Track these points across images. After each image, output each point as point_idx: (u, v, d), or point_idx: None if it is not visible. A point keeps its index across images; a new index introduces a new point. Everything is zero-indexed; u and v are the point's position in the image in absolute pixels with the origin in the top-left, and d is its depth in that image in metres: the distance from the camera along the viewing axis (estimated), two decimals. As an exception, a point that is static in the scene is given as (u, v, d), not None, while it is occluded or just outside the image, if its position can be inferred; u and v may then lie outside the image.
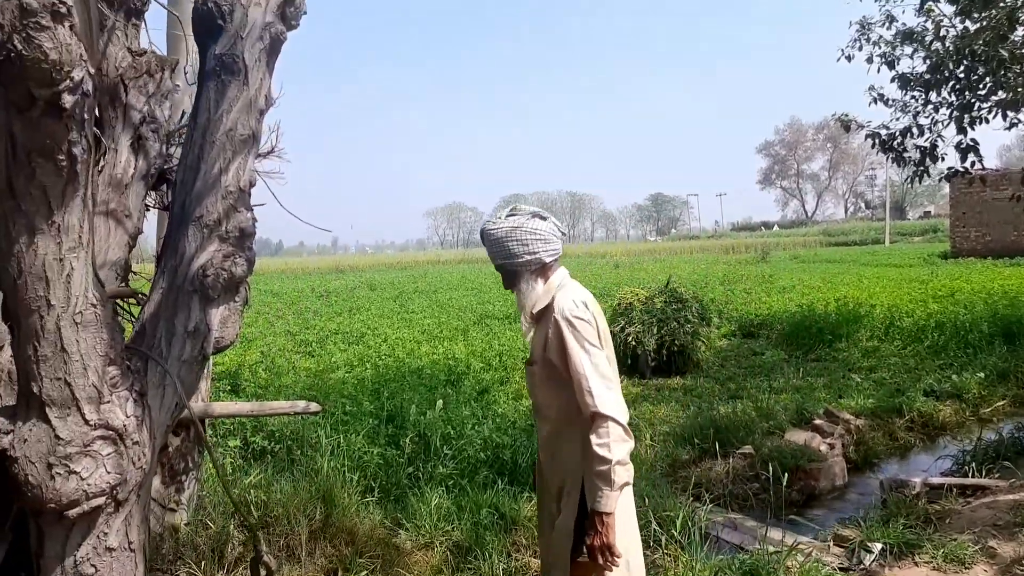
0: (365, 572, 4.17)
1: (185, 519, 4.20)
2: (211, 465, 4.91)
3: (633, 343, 10.08)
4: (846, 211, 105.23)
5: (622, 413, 2.18)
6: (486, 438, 5.66)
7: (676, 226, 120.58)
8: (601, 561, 2.15)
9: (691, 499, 5.42)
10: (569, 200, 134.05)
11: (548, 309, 2.36)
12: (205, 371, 4.32)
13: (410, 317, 13.51)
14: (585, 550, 2.22)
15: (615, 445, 2.09)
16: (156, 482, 4.11)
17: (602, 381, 2.18)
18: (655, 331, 10.11)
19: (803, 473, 5.46)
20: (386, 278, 32.57)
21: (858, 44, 9.41)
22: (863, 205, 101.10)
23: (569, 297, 2.33)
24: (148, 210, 2.72)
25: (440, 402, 5.89)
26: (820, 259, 33.24)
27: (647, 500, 5.06)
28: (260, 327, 13.05)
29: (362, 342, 10.62)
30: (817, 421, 6.59)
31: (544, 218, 2.43)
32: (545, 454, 2.55)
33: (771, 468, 5.49)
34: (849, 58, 9.50)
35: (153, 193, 2.73)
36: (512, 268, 2.42)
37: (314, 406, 4.78)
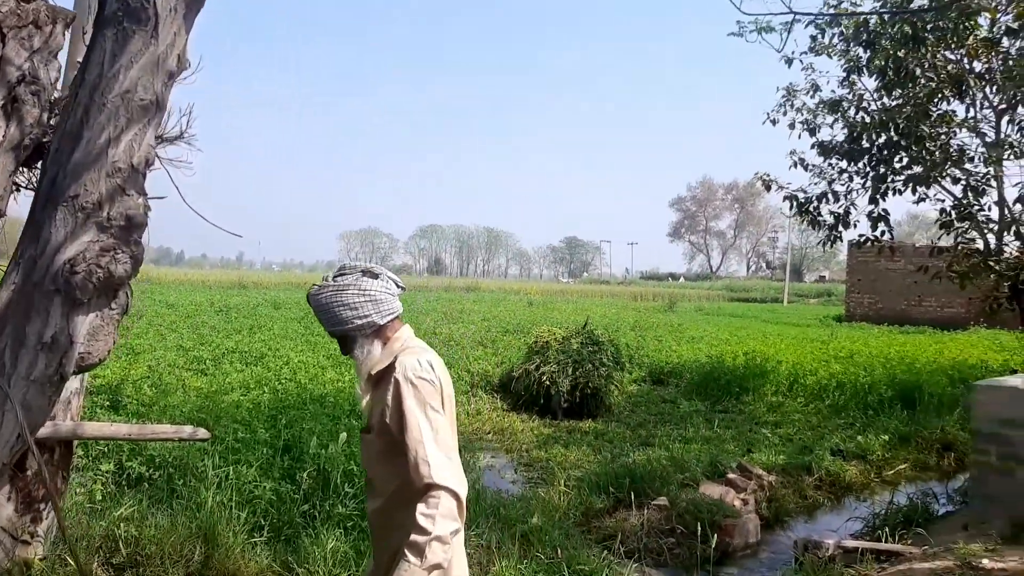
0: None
1: (40, 553, 3.61)
2: (76, 492, 4.31)
3: (547, 382, 9.87)
4: (748, 269, 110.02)
5: (460, 487, 1.98)
6: (392, 477, 5.23)
7: (588, 270, 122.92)
8: None
9: (604, 551, 5.17)
10: (486, 235, 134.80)
11: (389, 370, 2.19)
12: (79, 384, 3.77)
13: (315, 340, 12.87)
14: None
15: (441, 520, 1.89)
16: (8, 510, 3.52)
17: (439, 450, 2.01)
18: (570, 372, 9.95)
19: (719, 529, 5.29)
20: (292, 297, 31.35)
21: (783, 109, 9.71)
22: (764, 265, 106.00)
23: (414, 357, 2.17)
24: (18, 190, 2.27)
25: (344, 435, 5.43)
26: (724, 312, 34.29)
27: (560, 551, 4.78)
28: (150, 339, 12.09)
29: (261, 363, 9.96)
30: (731, 475, 6.49)
31: (376, 275, 2.27)
32: (374, 534, 2.31)
33: (688, 523, 5.32)
34: (774, 122, 9.78)
35: (26, 170, 2.28)
36: (344, 335, 2.23)
37: (202, 432, 4.28)
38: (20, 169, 2.18)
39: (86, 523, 4.01)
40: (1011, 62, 7.45)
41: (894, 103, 8.39)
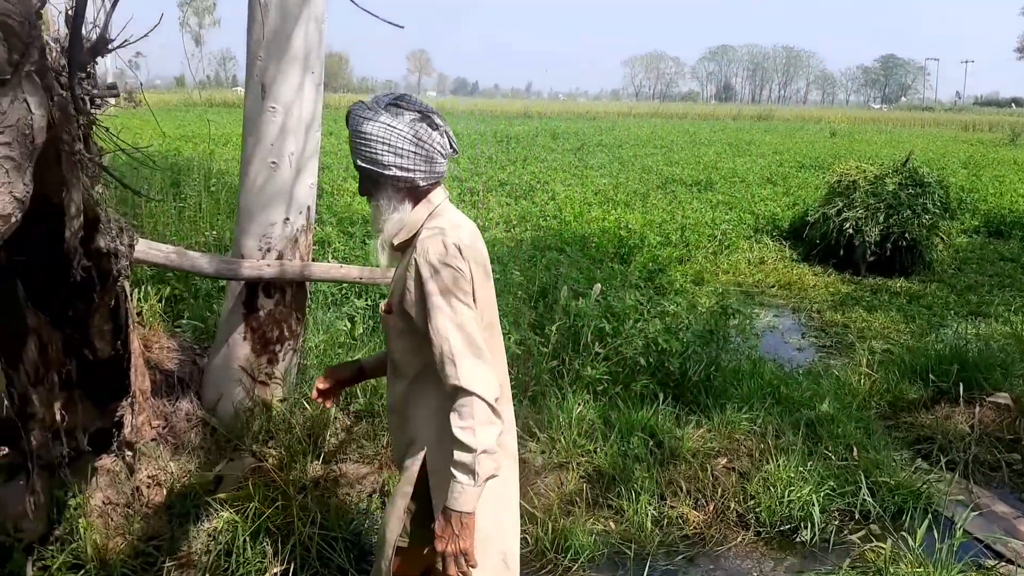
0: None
1: (280, 395, 3.55)
2: (317, 334, 4.22)
3: (850, 230, 8.30)
4: None
5: (490, 389, 1.74)
6: (651, 339, 4.53)
7: (907, 94, 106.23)
8: (453, 570, 1.74)
9: (917, 458, 4.09)
10: (784, 56, 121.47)
11: (410, 246, 1.90)
12: (305, 220, 3.49)
13: (586, 173, 12.28)
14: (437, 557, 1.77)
15: (481, 429, 1.69)
16: (245, 349, 3.44)
17: (469, 348, 1.75)
18: (881, 218, 8.24)
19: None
20: (571, 127, 31.11)
21: None
22: None
23: (439, 238, 1.81)
24: None
25: (598, 286, 4.79)
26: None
27: (856, 451, 3.80)
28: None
29: (528, 197, 9.61)
30: (1112, 372, 4.80)
31: (435, 126, 1.86)
32: (394, 418, 2.07)
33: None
34: None
35: None
36: (374, 177, 1.87)
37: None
38: None
39: (323, 366, 3.91)
40: None
41: None
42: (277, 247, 3.39)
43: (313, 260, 3.68)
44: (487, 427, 1.70)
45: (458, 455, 1.70)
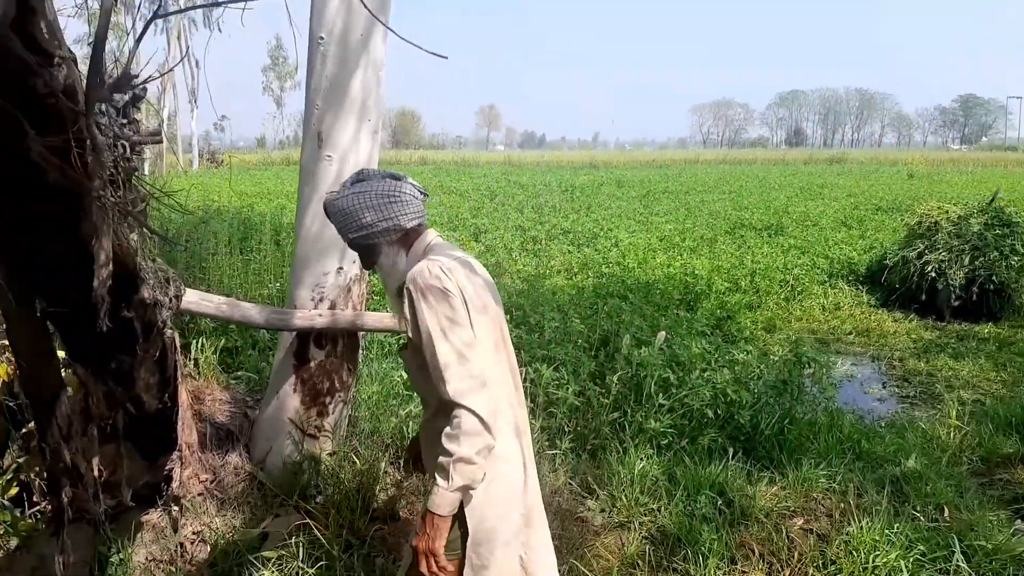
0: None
1: (329, 448, 3.47)
2: (372, 385, 4.16)
3: (932, 274, 7.85)
4: None
5: (482, 403, 1.81)
6: (719, 389, 4.30)
7: (987, 134, 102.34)
8: (424, 568, 1.85)
9: (1016, 519, 3.69)
10: (857, 99, 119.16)
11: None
12: (359, 270, 3.45)
13: (651, 220, 12.09)
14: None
15: (465, 439, 1.79)
16: (295, 402, 3.39)
17: (459, 363, 1.83)
18: (966, 260, 7.77)
19: None
20: (637, 176, 31.01)
21: None
22: None
23: (423, 263, 1.91)
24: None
25: (662, 334, 4.59)
26: None
27: (948, 512, 3.46)
28: (496, 219, 12.47)
29: (592, 244, 9.48)
30: None
31: (398, 177, 2.04)
32: (424, 442, 2.16)
33: None
34: None
35: None
36: (367, 242, 2.02)
37: (492, 328, 3.75)
38: None
39: (375, 419, 3.82)
40: None
41: None
42: (330, 296, 3.36)
43: (368, 310, 3.63)
44: (472, 438, 1.78)
45: (440, 459, 1.80)
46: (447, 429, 1.81)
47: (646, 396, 4.32)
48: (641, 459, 3.78)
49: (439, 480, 1.81)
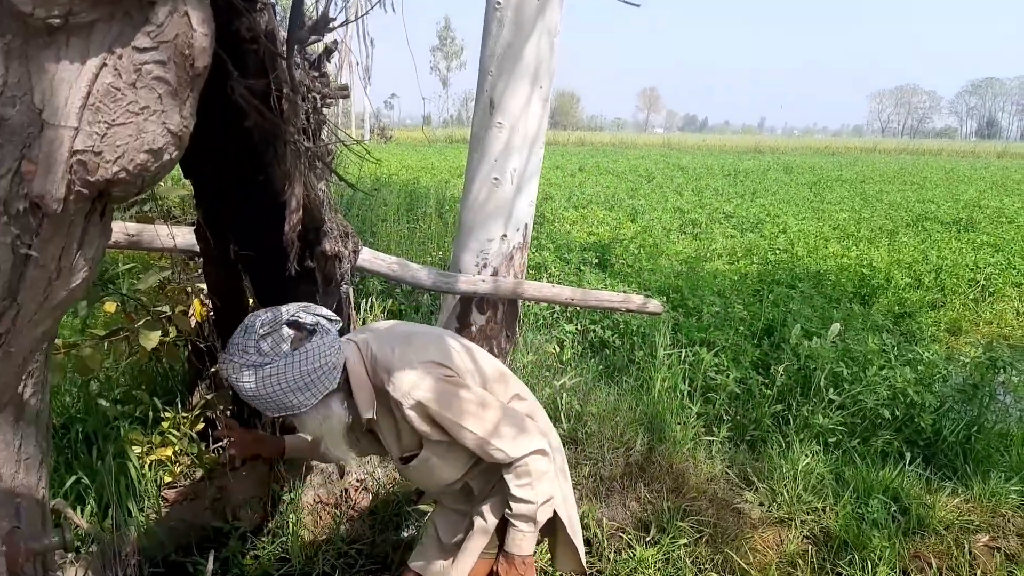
0: (686, 539, 3.05)
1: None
2: (527, 355, 4.16)
3: None
4: None
5: (533, 441, 1.80)
6: (898, 389, 3.94)
7: None
8: None
9: None
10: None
11: (385, 397, 1.78)
12: (522, 239, 3.45)
13: (823, 208, 11.33)
14: None
15: (538, 481, 1.80)
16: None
17: (494, 424, 1.77)
18: None
19: None
20: (807, 162, 29.24)
21: None
22: None
23: (398, 375, 1.72)
24: None
25: (837, 325, 4.27)
26: None
27: None
28: (654, 200, 12.18)
29: (756, 230, 9.02)
30: None
31: (301, 325, 1.63)
32: (447, 505, 2.13)
33: None
34: None
35: None
36: (299, 416, 1.71)
37: (653, 304, 3.66)
38: None
39: (531, 388, 3.83)
40: None
41: None
42: (493, 263, 3.39)
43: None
44: (543, 475, 1.81)
45: (519, 507, 1.81)
46: (513, 480, 1.81)
47: (814, 390, 4.05)
48: (806, 455, 3.55)
49: (524, 527, 1.82)
